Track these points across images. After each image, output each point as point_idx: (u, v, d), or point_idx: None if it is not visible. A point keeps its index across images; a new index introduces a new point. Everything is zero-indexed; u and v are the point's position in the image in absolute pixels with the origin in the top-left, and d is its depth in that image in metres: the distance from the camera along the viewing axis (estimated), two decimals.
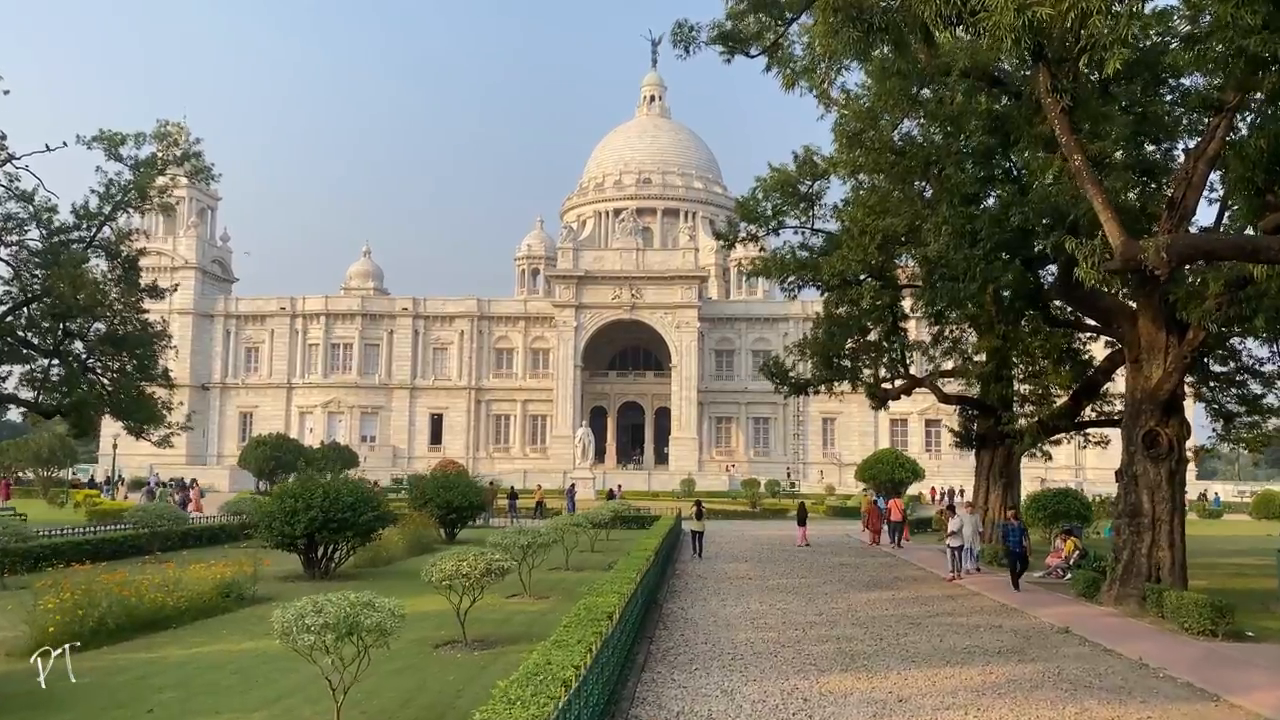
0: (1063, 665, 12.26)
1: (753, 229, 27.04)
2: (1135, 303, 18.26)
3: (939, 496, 55.33)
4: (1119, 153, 18.32)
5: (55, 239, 28.11)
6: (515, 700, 5.85)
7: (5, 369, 30.12)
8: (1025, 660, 12.62)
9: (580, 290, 79.60)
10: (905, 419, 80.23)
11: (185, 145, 31.22)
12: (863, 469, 51.51)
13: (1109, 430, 26.86)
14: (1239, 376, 24.61)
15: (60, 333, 28.61)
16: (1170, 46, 16.75)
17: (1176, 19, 16.51)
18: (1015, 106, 18.30)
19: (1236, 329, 19.11)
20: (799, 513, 32.01)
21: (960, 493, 48.65)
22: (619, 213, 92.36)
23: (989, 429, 27.23)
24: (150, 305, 31.63)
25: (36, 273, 27.56)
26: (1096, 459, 70.37)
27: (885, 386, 29.61)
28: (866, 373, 29.06)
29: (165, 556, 22.22)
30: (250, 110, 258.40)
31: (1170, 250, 12.62)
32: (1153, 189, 19.64)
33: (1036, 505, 29.32)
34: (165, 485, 53.95)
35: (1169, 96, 18.74)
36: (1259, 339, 21.32)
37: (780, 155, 57.54)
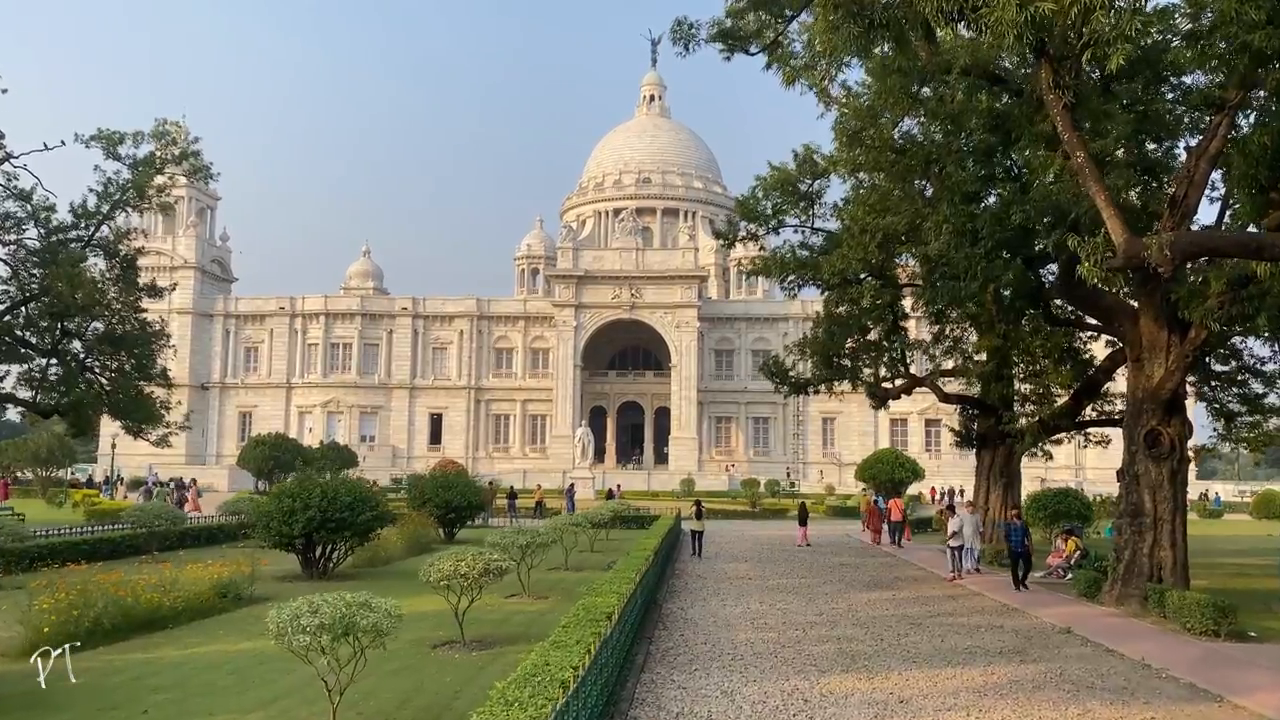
0: (1065, 666, 12.20)
1: (753, 228, 26.98)
2: (1137, 301, 18.19)
3: (939, 496, 55.26)
4: (1120, 151, 18.27)
5: (53, 238, 28.05)
6: (513, 701, 5.80)
7: (3, 368, 30.08)
8: (1027, 661, 12.55)
9: (580, 290, 79.54)
10: (905, 419, 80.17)
11: (184, 144, 31.22)
12: (863, 469, 51.45)
13: (1109, 430, 26.79)
14: (1240, 376, 24.54)
15: (58, 332, 28.54)
16: (1172, 44, 16.70)
17: (1178, 16, 16.45)
18: (1016, 104, 18.26)
19: (1238, 328, 19.02)
20: (800, 513, 31.90)
21: (960, 492, 48.59)
22: (619, 212, 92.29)
23: (989, 428, 27.18)
24: (149, 305, 31.58)
25: (34, 272, 27.50)
26: (1097, 459, 70.29)
27: (885, 386, 29.55)
28: (866, 372, 28.98)
29: (162, 556, 22.19)
30: (251, 110, 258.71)
31: (1174, 247, 12.55)
32: (1154, 187, 19.60)
33: (1037, 505, 29.24)
34: (163, 485, 53.87)
35: (1170, 94, 18.71)
36: (1260, 338, 21.27)
37: (780, 154, 57.53)
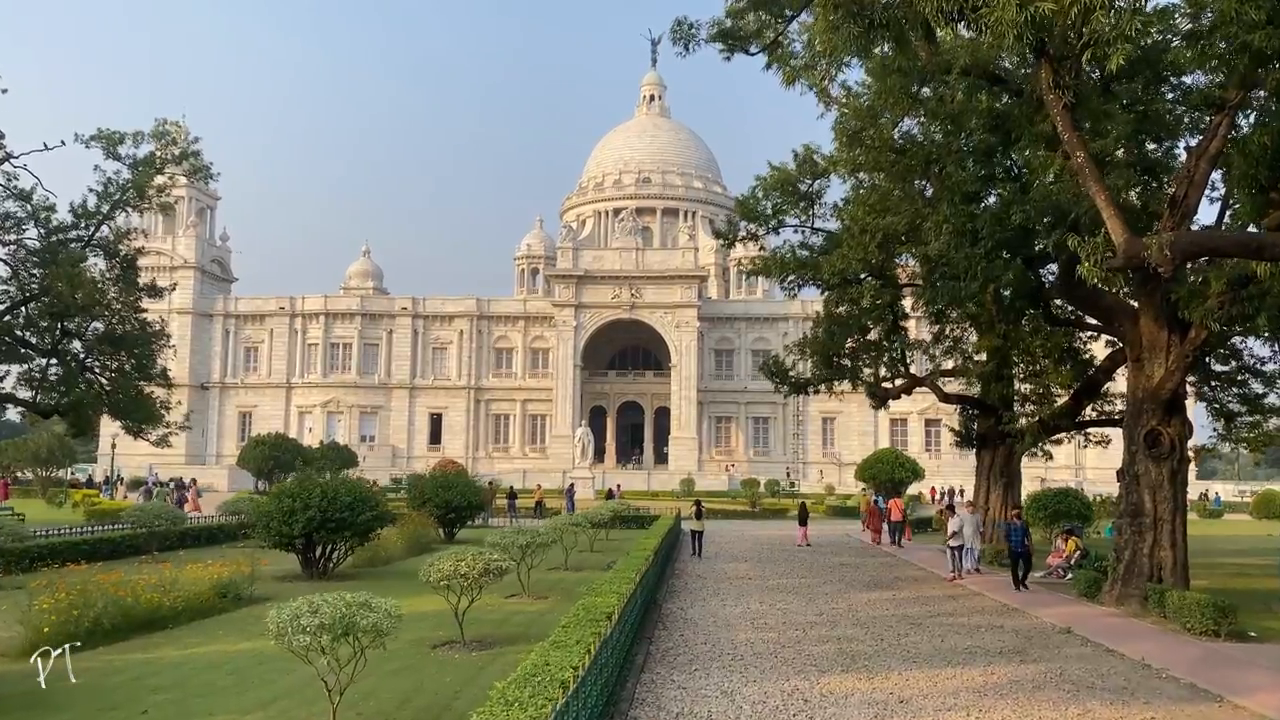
0: (1065, 666, 12.19)
1: (752, 228, 26.97)
2: (1137, 301, 18.19)
3: (939, 496, 55.25)
4: (1120, 151, 18.27)
5: (53, 238, 28.05)
6: (513, 702, 5.80)
7: (3, 368, 30.08)
8: (1027, 661, 12.54)
9: (580, 290, 79.52)
10: (905, 419, 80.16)
11: (184, 144, 31.23)
12: (862, 469, 51.44)
13: (1109, 430, 26.79)
14: (1240, 376, 24.54)
15: (58, 332, 28.54)
16: (1172, 44, 16.70)
17: (1178, 16, 16.45)
18: (1016, 104, 18.25)
19: (1238, 328, 19.01)
20: (800, 512, 31.87)
21: (960, 492, 48.59)
22: (619, 212, 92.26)
23: (989, 428, 27.17)
24: (149, 305, 31.58)
25: (34, 272, 27.50)
26: (1096, 458, 70.30)
27: (885, 386, 29.53)
28: (867, 372, 28.97)
29: (162, 556, 22.19)
30: (251, 110, 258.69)
31: (1174, 246, 12.54)
32: (1154, 188, 19.60)
33: (1037, 505, 29.24)
34: (163, 485, 53.86)
35: (1170, 95, 18.70)
36: (1260, 338, 21.26)
37: (780, 154, 57.56)
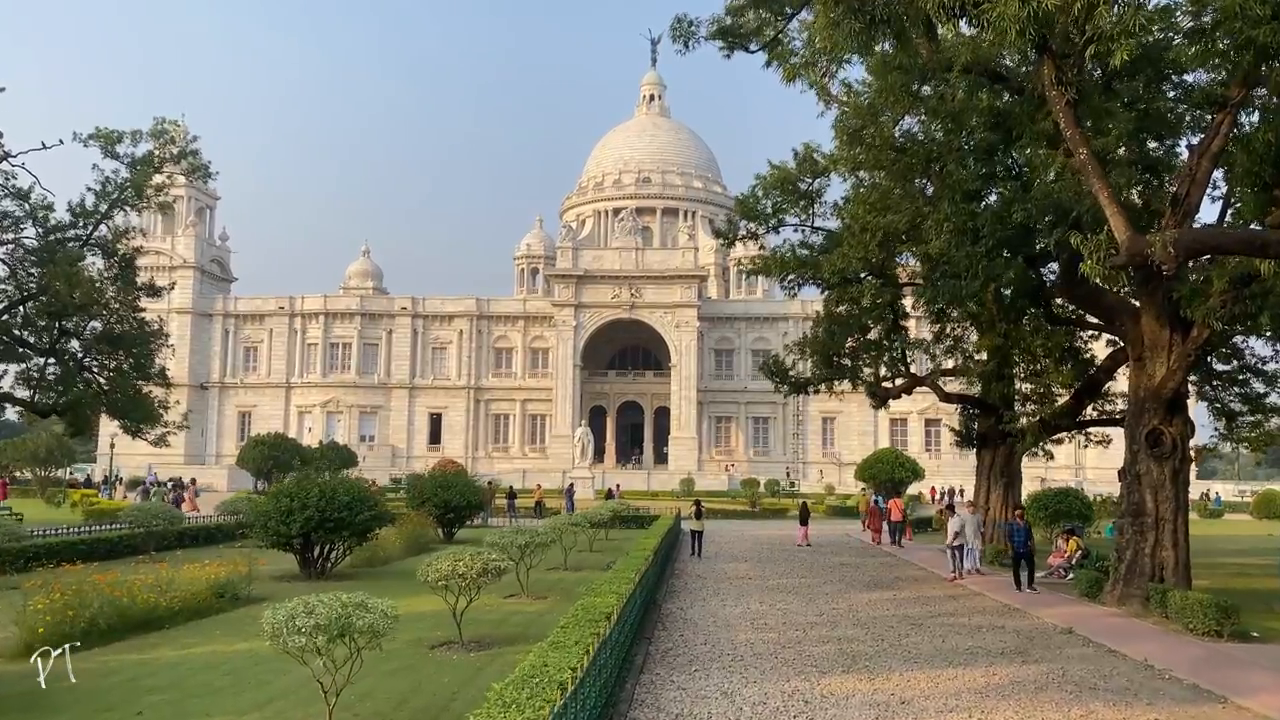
0: (1067, 666, 12.12)
1: (752, 227, 26.84)
2: (1138, 300, 18.11)
3: (939, 496, 55.17)
4: (1122, 149, 18.19)
5: (51, 237, 28.00)
6: (511, 703, 5.73)
7: (1, 368, 30.03)
8: (1029, 661, 12.47)
9: (579, 289, 79.44)
10: (905, 418, 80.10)
11: (182, 143, 31.15)
12: (862, 468, 51.37)
13: (1110, 429, 26.71)
14: (1242, 375, 24.46)
15: (56, 331, 28.49)
16: (1174, 42, 16.62)
17: (1179, 14, 16.37)
18: (1017, 102, 18.16)
19: (1240, 327, 18.94)
20: (801, 512, 31.81)
21: (960, 492, 48.52)
22: (618, 212, 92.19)
23: (990, 428, 27.07)
24: (148, 304, 31.56)
25: (32, 271, 27.45)
26: (1097, 458, 70.20)
27: (885, 385, 29.43)
28: (867, 371, 28.86)
29: (160, 556, 22.07)
30: (248, 110, 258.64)
31: (1177, 244, 12.47)
32: (1156, 186, 19.51)
33: (1038, 505, 29.18)
34: (161, 485, 53.78)
35: (1172, 93, 18.60)
36: (1262, 337, 21.19)
37: (780, 153, 57.43)
